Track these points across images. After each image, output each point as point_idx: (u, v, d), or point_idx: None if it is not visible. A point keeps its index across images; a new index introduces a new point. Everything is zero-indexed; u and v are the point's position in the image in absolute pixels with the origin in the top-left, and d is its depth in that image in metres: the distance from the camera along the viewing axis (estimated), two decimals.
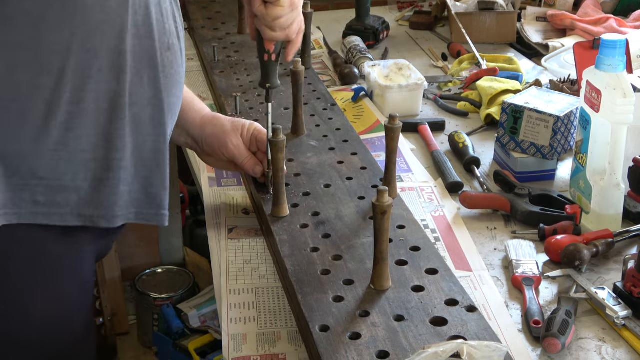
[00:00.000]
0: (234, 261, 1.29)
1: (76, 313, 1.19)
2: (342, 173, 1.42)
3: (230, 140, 1.37)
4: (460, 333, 1.01)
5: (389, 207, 1.05)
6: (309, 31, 1.94)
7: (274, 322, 1.16)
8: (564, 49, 2.10)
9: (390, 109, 1.75)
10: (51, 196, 1.05)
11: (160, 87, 1.10)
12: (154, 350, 2.70)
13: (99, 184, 1.08)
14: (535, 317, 1.14)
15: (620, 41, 1.30)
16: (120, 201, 1.11)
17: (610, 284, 1.21)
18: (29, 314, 1.12)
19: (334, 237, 1.23)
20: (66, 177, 1.05)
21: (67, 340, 1.18)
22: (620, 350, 1.10)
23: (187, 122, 1.38)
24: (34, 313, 1.12)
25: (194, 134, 1.39)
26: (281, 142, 1.27)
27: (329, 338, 1.01)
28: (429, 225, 1.39)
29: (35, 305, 1.12)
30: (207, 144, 1.39)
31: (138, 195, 1.14)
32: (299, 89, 1.52)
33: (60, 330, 1.16)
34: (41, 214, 1.05)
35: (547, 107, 1.54)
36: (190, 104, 1.38)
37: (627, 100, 1.29)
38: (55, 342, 1.16)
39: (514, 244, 1.31)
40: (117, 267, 2.78)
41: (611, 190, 1.34)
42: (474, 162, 1.59)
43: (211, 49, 2.03)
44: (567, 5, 2.38)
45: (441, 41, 2.36)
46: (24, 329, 1.12)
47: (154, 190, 1.15)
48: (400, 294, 1.09)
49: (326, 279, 1.13)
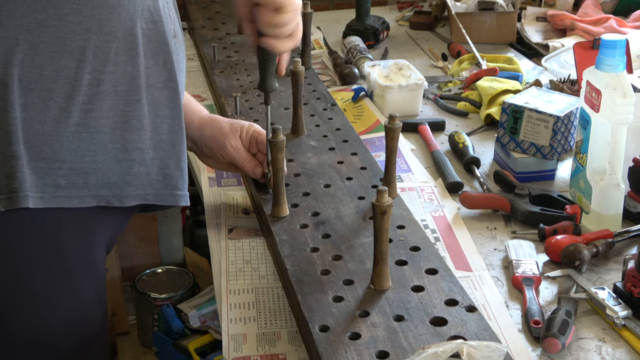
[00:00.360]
0: (234, 261, 1.29)
1: (92, 310, 1.19)
2: (342, 173, 1.42)
3: (229, 142, 1.37)
4: (460, 333, 1.01)
5: (389, 207, 1.05)
6: (309, 31, 1.94)
7: (274, 322, 1.16)
8: (564, 49, 2.10)
9: (390, 109, 1.75)
10: (72, 179, 1.08)
11: (174, 69, 1.14)
12: (154, 350, 2.70)
13: (116, 164, 1.11)
14: (535, 317, 1.14)
15: (620, 41, 1.30)
16: (135, 181, 1.13)
17: (610, 284, 1.21)
18: (43, 307, 1.12)
19: (333, 237, 1.23)
20: (86, 158, 1.08)
21: (83, 340, 1.18)
22: (620, 350, 1.10)
23: (186, 124, 1.38)
24: (48, 308, 1.12)
25: (193, 136, 1.39)
26: (281, 142, 1.27)
27: (328, 338, 1.01)
28: (428, 225, 1.39)
29: (49, 301, 1.12)
30: (206, 146, 1.39)
31: (156, 176, 1.16)
32: (299, 89, 1.51)
33: (77, 327, 1.17)
34: (62, 197, 1.08)
35: (547, 107, 1.54)
36: (187, 105, 1.39)
37: (627, 100, 1.29)
38: (71, 340, 1.16)
39: (514, 244, 1.31)
40: (117, 267, 2.78)
41: (611, 190, 1.34)
42: (474, 162, 1.59)
43: (211, 49, 2.03)
44: (567, 5, 2.38)
45: (441, 41, 2.36)
46: (40, 325, 1.13)
47: (170, 171, 1.18)
48: (400, 294, 1.09)
49: (326, 279, 1.13)
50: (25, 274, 1.09)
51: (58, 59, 1.03)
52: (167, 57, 1.13)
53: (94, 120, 1.07)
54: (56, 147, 1.05)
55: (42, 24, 1.01)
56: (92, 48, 1.04)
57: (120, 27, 1.06)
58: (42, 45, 1.01)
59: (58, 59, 1.03)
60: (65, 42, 1.02)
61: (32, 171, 1.05)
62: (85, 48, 1.04)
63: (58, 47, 1.02)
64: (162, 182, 1.17)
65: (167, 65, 1.13)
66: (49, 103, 1.03)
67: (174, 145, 1.17)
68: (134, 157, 1.12)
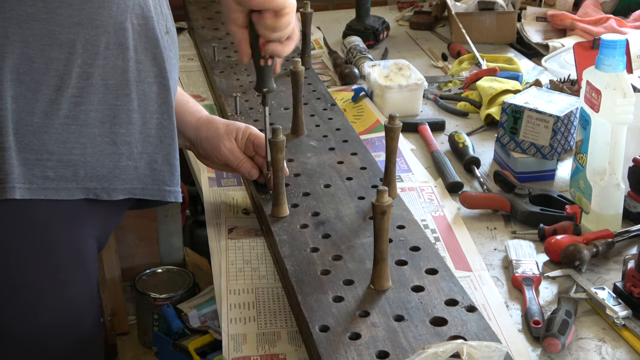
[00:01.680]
0: (234, 261, 1.29)
1: (84, 305, 1.19)
2: (342, 173, 1.42)
3: (223, 144, 1.37)
4: (460, 333, 1.01)
5: (389, 207, 1.05)
6: (309, 31, 1.94)
7: (274, 322, 1.16)
8: (564, 49, 2.10)
9: (390, 109, 1.75)
10: (61, 171, 1.08)
11: (164, 66, 1.15)
12: (154, 350, 2.70)
13: (105, 157, 1.11)
14: (535, 317, 1.14)
15: (620, 41, 1.30)
16: (123, 175, 1.14)
17: (610, 284, 1.21)
18: (34, 300, 1.12)
19: (333, 237, 1.23)
20: (75, 151, 1.08)
21: (74, 337, 1.18)
22: (620, 350, 1.10)
23: (183, 125, 1.38)
24: (38, 301, 1.12)
25: (190, 137, 1.40)
26: (281, 142, 1.27)
27: (328, 338, 1.01)
28: (428, 225, 1.39)
29: (39, 293, 1.12)
30: (201, 147, 1.40)
31: (143, 171, 1.17)
32: (299, 89, 1.51)
33: (69, 324, 1.17)
34: (51, 189, 1.08)
35: (547, 107, 1.54)
36: (185, 105, 1.39)
37: (627, 100, 1.29)
38: (62, 337, 1.16)
39: (514, 244, 1.31)
40: (117, 267, 2.78)
41: (611, 190, 1.34)
42: (474, 162, 1.59)
43: (211, 49, 2.03)
44: (567, 5, 2.38)
45: (441, 41, 2.37)
46: (30, 319, 1.13)
47: (157, 166, 1.18)
48: (400, 294, 1.09)
49: (326, 279, 1.13)
50: (15, 266, 1.09)
51: (48, 51, 1.03)
52: (157, 53, 1.13)
53: (83, 113, 1.08)
54: (45, 138, 1.06)
55: (31, 17, 1.01)
56: (82, 41, 1.05)
57: (110, 21, 1.06)
58: (32, 37, 1.02)
59: (48, 52, 1.03)
60: (54, 35, 1.03)
61: (21, 162, 1.05)
62: (75, 41, 1.04)
63: (48, 39, 1.03)
64: (150, 177, 1.18)
65: (157, 60, 1.14)
66: (38, 95, 1.04)
67: (162, 140, 1.18)
68: (122, 150, 1.13)
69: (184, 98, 1.41)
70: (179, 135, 1.38)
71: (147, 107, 1.15)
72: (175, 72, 1.21)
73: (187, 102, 1.41)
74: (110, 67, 1.08)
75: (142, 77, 1.13)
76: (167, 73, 1.15)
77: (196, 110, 1.41)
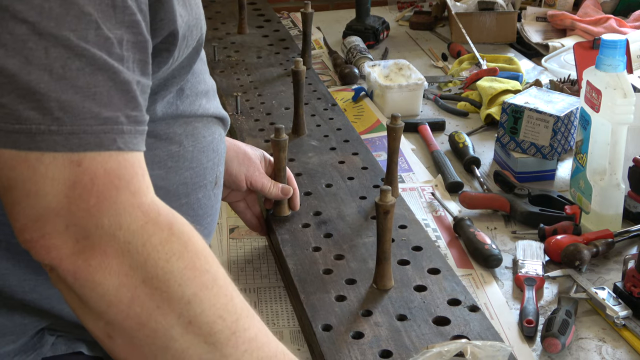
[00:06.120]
0: (236, 261, 1.30)
1: None
2: (343, 173, 1.42)
3: (257, 169, 1.28)
4: (462, 332, 1.01)
5: (392, 206, 1.06)
6: (309, 31, 1.95)
7: (276, 321, 1.17)
8: (564, 49, 2.11)
9: (390, 109, 1.76)
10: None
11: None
12: None
13: None
14: (530, 316, 1.13)
15: (620, 41, 1.31)
16: None
17: (610, 284, 1.21)
18: None
19: (335, 236, 1.23)
20: None
21: None
22: (620, 350, 1.11)
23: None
24: None
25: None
26: (283, 142, 1.27)
27: (331, 337, 1.01)
28: (429, 225, 1.39)
29: None
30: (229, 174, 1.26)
31: None
32: (300, 89, 1.52)
33: None
34: None
35: (547, 107, 1.55)
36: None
37: (627, 100, 1.29)
38: None
39: (524, 244, 1.30)
40: None
41: (611, 190, 1.34)
42: (474, 162, 1.59)
43: (211, 49, 2.03)
44: (567, 5, 2.39)
45: (441, 41, 2.37)
46: None
47: None
48: (402, 293, 1.09)
49: (328, 279, 1.13)
50: None
51: None
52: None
53: None
54: None
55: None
56: None
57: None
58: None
59: None
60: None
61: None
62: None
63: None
64: None
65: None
66: None
67: None
68: None
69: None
70: None
71: None
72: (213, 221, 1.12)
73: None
74: None
75: None
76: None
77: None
